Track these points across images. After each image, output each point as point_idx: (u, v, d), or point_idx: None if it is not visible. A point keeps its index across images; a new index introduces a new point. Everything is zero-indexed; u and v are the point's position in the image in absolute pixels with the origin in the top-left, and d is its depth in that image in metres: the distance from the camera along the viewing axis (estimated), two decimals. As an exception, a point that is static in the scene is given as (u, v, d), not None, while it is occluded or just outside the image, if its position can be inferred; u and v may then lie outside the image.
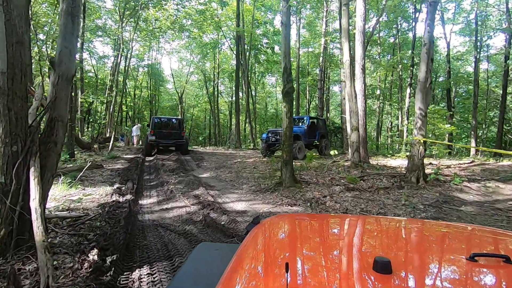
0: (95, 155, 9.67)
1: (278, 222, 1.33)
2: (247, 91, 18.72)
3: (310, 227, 1.28)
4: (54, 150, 2.63)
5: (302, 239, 1.14)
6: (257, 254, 0.98)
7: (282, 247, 1.04)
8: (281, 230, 1.24)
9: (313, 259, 0.91)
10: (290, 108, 5.57)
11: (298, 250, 0.99)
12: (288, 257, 0.90)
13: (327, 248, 1.01)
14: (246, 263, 0.90)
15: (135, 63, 30.42)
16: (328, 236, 1.18)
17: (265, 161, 9.03)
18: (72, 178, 5.99)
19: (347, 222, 1.35)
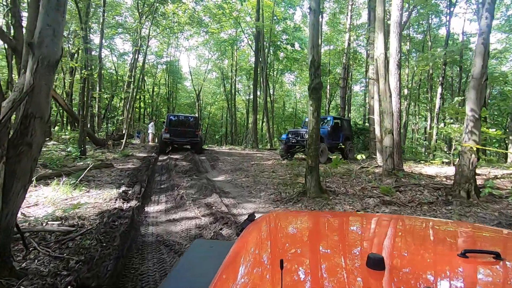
0: (108, 153, 9.35)
1: (273, 219, 1.32)
2: (265, 89, 18.04)
3: (304, 224, 1.29)
4: (28, 154, 2.08)
5: (296, 236, 1.15)
6: (252, 251, 0.99)
7: (277, 244, 1.02)
8: (276, 227, 1.23)
9: (308, 256, 0.91)
10: (317, 107, 4.84)
11: (293, 247, 0.99)
12: (283, 254, 0.90)
13: (321, 245, 1.01)
14: (241, 259, 0.90)
15: (154, 60, 30.60)
16: (322, 233, 1.18)
17: (284, 164, 8.33)
18: (77, 178, 5.58)
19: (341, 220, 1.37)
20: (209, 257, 1.17)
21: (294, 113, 27.96)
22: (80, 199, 4.53)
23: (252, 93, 17.24)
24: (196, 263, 1.14)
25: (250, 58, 31.38)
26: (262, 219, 1.29)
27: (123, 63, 29.85)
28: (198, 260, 1.17)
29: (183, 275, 1.06)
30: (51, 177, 5.56)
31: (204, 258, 1.17)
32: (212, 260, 1.04)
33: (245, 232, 1.15)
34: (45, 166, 6.29)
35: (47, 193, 4.76)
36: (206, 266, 1.03)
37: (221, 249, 1.12)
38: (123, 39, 26.82)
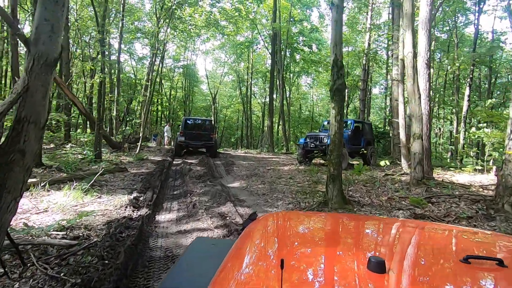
0: (123, 156, 9.32)
1: (275, 219, 1.32)
2: (282, 92, 17.69)
3: (306, 225, 1.28)
4: (20, 163, 1.86)
5: (298, 236, 1.13)
6: (253, 250, 0.97)
7: (278, 243, 1.01)
8: (277, 227, 1.22)
9: (308, 256, 0.91)
10: (340, 110, 4.46)
11: (294, 247, 0.98)
12: (284, 253, 0.90)
13: (322, 246, 1.02)
14: (241, 258, 0.90)
15: (172, 64, 31.05)
16: (324, 234, 1.17)
17: (302, 169, 7.94)
18: (88, 183, 5.46)
19: (343, 221, 1.34)
20: (209, 255, 1.14)
21: (311, 116, 27.36)
22: (90, 206, 4.38)
23: (268, 95, 16.94)
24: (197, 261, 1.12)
25: (266, 60, 31.21)
26: (264, 219, 1.29)
27: (142, 67, 30.45)
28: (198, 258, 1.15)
29: (183, 273, 1.04)
30: (64, 181, 5.49)
31: (205, 257, 1.15)
32: (212, 258, 1.02)
33: (246, 231, 1.14)
34: (59, 169, 6.26)
35: (58, 198, 4.65)
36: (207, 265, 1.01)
37: (222, 247, 1.11)
38: (142, 44, 27.42)
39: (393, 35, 10.42)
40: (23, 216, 3.80)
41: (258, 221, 1.25)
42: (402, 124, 8.34)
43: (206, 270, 0.92)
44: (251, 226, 1.19)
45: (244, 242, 1.04)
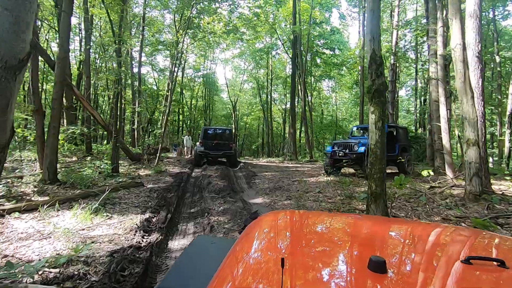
0: (142, 169, 9.03)
1: (276, 218, 1.32)
2: (304, 97, 16.96)
3: (307, 224, 1.27)
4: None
5: (298, 235, 1.12)
6: (253, 249, 0.96)
7: (278, 242, 1.01)
8: (278, 226, 1.21)
9: (309, 256, 0.90)
10: (381, 115, 3.73)
11: (295, 247, 0.98)
12: (284, 253, 0.90)
13: (323, 245, 1.00)
14: (242, 257, 0.90)
15: (192, 73, 31.40)
16: (325, 234, 1.16)
17: (331, 181, 7.17)
18: (102, 200, 5.08)
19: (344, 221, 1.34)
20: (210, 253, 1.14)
21: (335, 121, 26.26)
22: (97, 229, 3.94)
23: (290, 101, 16.28)
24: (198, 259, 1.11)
25: (286, 66, 30.68)
26: (265, 218, 1.28)
27: (164, 78, 31.07)
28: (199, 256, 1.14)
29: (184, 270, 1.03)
30: (76, 199, 5.15)
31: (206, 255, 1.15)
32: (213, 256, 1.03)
33: (247, 230, 1.14)
34: (73, 186, 5.97)
35: (66, 220, 4.28)
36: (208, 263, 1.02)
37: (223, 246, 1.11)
38: (163, 55, 28.01)
39: (428, 29, 9.45)
40: (24, 243, 3.42)
41: (259, 220, 1.24)
42: (445, 128, 7.34)
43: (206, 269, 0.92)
44: (252, 225, 1.19)
45: (245, 241, 1.03)
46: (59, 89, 6.06)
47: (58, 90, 6.05)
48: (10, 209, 4.37)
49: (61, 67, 6.11)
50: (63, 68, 6.19)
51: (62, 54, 6.16)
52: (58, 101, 6.12)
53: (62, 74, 6.14)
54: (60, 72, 6.08)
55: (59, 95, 6.08)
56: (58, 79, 6.07)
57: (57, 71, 6.10)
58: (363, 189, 6.28)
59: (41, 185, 5.80)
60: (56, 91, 6.03)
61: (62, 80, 6.17)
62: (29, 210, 4.53)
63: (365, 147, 7.33)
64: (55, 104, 6.06)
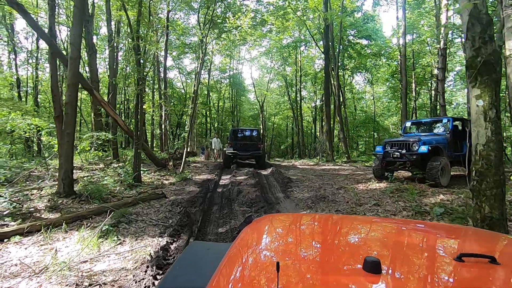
0: (166, 176, 8.35)
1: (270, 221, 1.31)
2: (338, 92, 15.51)
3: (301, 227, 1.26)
4: None
5: (293, 238, 1.11)
6: (248, 253, 0.96)
7: (273, 246, 1.02)
8: (273, 229, 1.21)
9: (304, 258, 0.90)
10: (493, 99, 2.48)
11: (289, 250, 0.98)
12: (279, 256, 0.90)
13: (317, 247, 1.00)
14: (237, 262, 0.89)
15: (218, 75, 31.03)
16: (319, 236, 1.16)
17: (387, 188, 5.87)
18: (115, 218, 4.32)
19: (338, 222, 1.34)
20: (205, 259, 1.12)
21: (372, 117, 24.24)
22: (103, 261, 3.13)
23: (324, 97, 14.94)
24: (192, 266, 1.08)
25: (315, 62, 29.14)
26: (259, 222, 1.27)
27: (191, 82, 31.09)
28: (194, 262, 1.11)
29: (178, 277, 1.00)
30: (88, 217, 4.46)
31: (200, 261, 1.12)
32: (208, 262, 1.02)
33: (241, 235, 1.12)
34: (90, 199, 5.33)
35: (71, 245, 3.54)
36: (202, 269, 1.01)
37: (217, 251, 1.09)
38: (189, 58, 27.90)
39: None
40: (9, 283, 2.69)
41: (253, 224, 1.23)
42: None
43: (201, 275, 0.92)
44: (247, 229, 1.17)
45: (240, 245, 1.02)
46: (72, 92, 5.47)
47: (70, 93, 5.46)
48: (11, 232, 3.73)
49: (74, 68, 5.52)
50: (76, 69, 5.60)
51: (75, 54, 5.57)
52: (72, 105, 5.53)
53: (75, 75, 5.55)
54: (73, 73, 5.49)
55: (72, 98, 5.49)
56: (70, 81, 5.49)
57: (69, 73, 5.52)
58: (432, 200, 4.94)
59: (55, 199, 5.22)
60: (68, 94, 5.45)
61: (75, 83, 5.58)
62: (33, 232, 3.89)
63: (427, 146, 5.94)
64: (68, 109, 5.48)
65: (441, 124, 6.96)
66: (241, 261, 0.90)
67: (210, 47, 25.61)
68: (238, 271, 0.82)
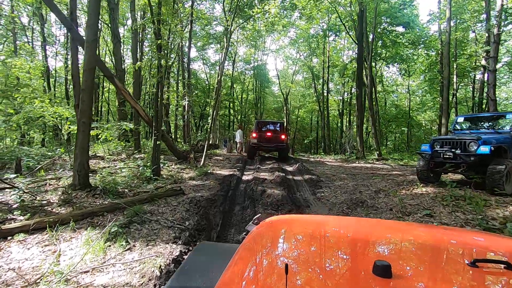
0: (186, 169, 7.96)
1: (278, 223, 1.28)
2: (371, 84, 14.33)
3: (310, 229, 1.22)
4: None
5: (302, 241, 1.09)
6: (256, 255, 0.94)
7: (281, 248, 0.99)
8: (281, 231, 1.18)
9: (313, 261, 0.88)
10: None
11: (298, 252, 0.95)
12: (288, 258, 0.88)
13: (326, 250, 0.97)
14: (245, 263, 0.87)
15: (243, 66, 30.43)
16: (328, 238, 1.11)
17: (437, 195, 5.00)
18: (129, 217, 3.91)
19: (348, 225, 1.30)
20: (213, 260, 1.11)
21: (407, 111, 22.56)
22: (107, 271, 2.69)
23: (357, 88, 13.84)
24: (200, 266, 1.07)
25: (344, 53, 27.63)
26: (267, 223, 1.24)
27: (215, 73, 30.77)
28: (202, 262, 1.10)
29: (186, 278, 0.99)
30: (99, 214, 4.08)
31: (208, 261, 1.11)
32: (216, 263, 1.00)
33: (250, 236, 1.11)
34: (105, 193, 4.99)
35: (77, 248, 3.15)
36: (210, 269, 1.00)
37: (225, 252, 1.06)
38: (213, 49, 27.52)
39: None
40: (-2, 295, 2.31)
41: (261, 226, 1.20)
42: None
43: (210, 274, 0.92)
44: (255, 231, 1.15)
45: (248, 247, 1.00)
46: (88, 78, 5.11)
47: (87, 79, 5.10)
48: (16, 229, 3.42)
49: (90, 52, 5.15)
50: (93, 53, 5.22)
51: (91, 36, 5.19)
52: (88, 93, 5.18)
53: (92, 60, 5.18)
54: (89, 57, 5.12)
55: (88, 84, 5.13)
56: (87, 67, 5.13)
57: (86, 57, 5.16)
58: (499, 212, 4.05)
59: (69, 191, 4.94)
60: (85, 80, 5.10)
61: (92, 68, 5.21)
62: (41, 229, 3.56)
63: (489, 146, 4.97)
64: (84, 96, 5.13)
65: (503, 120, 5.88)
66: (249, 262, 0.87)
67: (235, 36, 25.02)
68: (247, 272, 0.80)
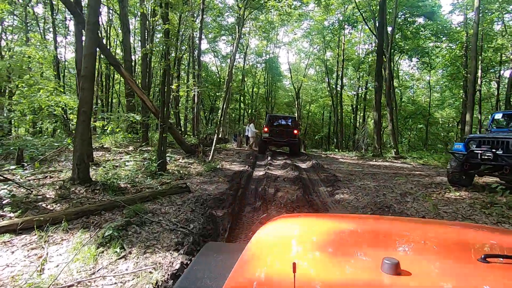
0: (194, 163, 7.55)
1: (285, 222, 1.28)
2: (389, 78, 13.54)
3: (317, 227, 1.21)
4: None
5: (309, 238, 1.08)
6: (264, 253, 0.93)
7: (289, 247, 0.98)
8: (288, 230, 1.17)
9: (320, 259, 0.88)
10: None
11: (305, 250, 0.95)
12: (295, 257, 0.88)
13: (334, 248, 0.97)
14: (253, 262, 0.88)
15: (254, 59, 29.77)
16: (336, 236, 1.10)
17: (475, 200, 4.39)
18: (128, 217, 3.50)
19: (355, 222, 1.29)
20: (220, 259, 1.12)
21: (425, 109, 21.51)
22: (94, 286, 2.27)
23: (376, 82, 13.10)
24: (208, 266, 1.08)
25: (359, 46, 26.59)
26: (274, 222, 1.23)
27: (227, 66, 30.22)
28: (210, 263, 1.11)
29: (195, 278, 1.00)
30: (96, 212, 3.70)
31: (216, 261, 1.12)
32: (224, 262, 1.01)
33: (257, 235, 1.10)
34: (103, 189, 4.61)
35: (65, 253, 2.76)
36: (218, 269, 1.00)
37: (233, 252, 1.08)
38: (225, 41, 26.96)
39: None
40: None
41: (269, 224, 1.19)
42: None
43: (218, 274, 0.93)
44: (262, 229, 1.15)
45: (255, 246, 0.99)
46: (89, 64, 4.70)
47: (87, 65, 4.69)
48: (2, 228, 3.06)
49: (91, 34, 4.73)
50: (94, 36, 4.80)
51: (92, 18, 4.76)
52: (89, 80, 4.78)
53: (92, 43, 4.76)
54: (90, 40, 4.71)
55: (89, 71, 4.72)
56: (87, 51, 4.71)
57: (86, 40, 4.74)
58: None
59: (67, 186, 4.59)
60: (85, 66, 4.69)
61: (93, 52, 4.80)
62: (30, 228, 3.20)
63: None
64: (84, 83, 4.73)
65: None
66: (257, 261, 0.86)
67: (247, 28, 24.39)
68: (254, 272, 0.79)
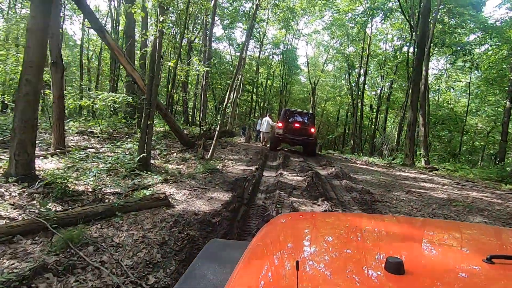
0: (190, 160, 6.11)
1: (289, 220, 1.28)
2: (426, 76, 11.72)
3: (321, 225, 1.21)
4: None
5: (313, 237, 1.08)
6: (267, 252, 0.94)
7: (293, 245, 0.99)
8: (292, 228, 1.17)
9: (324, 258, 0.88)
10: None
11: (309, 249, 0.95)
12: (299, 255, 0.89)
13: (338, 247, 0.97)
14: (256, 260, 0.88)
15: (271, 49, 28.05)
16: (339, 235, 1.11)
17: None
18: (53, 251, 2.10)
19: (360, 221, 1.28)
20: (224, 257, 1.12)
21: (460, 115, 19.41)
22: None
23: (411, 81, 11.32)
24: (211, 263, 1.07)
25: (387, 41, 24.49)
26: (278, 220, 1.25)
27: (243, 56, 28.48)
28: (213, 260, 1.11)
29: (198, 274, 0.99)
30: (3, 239, 2.32)
31: (219, 258, 1.12)
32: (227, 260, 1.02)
33: (260, 233, 1.10)
34: (47, 193, 3.22)
35: None
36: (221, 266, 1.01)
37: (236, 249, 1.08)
38: (241, 29, 25.42)
39: None
40: None
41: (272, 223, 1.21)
42: None
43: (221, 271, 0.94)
44: (266, 227, 1.16)
45: (259, 244, 0.99)
46: (37, 13, 3.27)
47: (35, 14, 3.27)
48: None
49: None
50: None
51: None
52: (38, 36, 3.35)
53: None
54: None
55: (37, 22, 3.30)
56: None
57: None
58: None
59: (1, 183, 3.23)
60: (32, 16, 3.27)
61: None
62: None
63: None
64: (31, 39, 3.32)
65: None
66: (260, 259, 0.86)
67: (265, 14, 22.69)
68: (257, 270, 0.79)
